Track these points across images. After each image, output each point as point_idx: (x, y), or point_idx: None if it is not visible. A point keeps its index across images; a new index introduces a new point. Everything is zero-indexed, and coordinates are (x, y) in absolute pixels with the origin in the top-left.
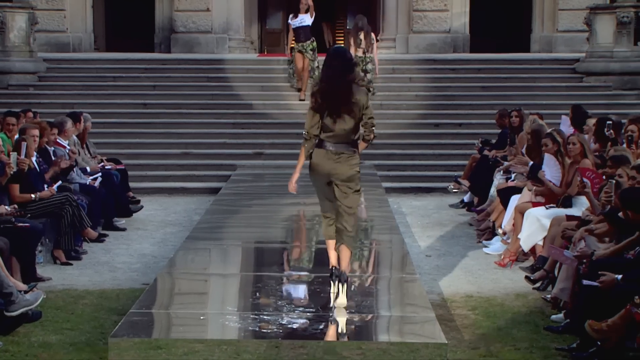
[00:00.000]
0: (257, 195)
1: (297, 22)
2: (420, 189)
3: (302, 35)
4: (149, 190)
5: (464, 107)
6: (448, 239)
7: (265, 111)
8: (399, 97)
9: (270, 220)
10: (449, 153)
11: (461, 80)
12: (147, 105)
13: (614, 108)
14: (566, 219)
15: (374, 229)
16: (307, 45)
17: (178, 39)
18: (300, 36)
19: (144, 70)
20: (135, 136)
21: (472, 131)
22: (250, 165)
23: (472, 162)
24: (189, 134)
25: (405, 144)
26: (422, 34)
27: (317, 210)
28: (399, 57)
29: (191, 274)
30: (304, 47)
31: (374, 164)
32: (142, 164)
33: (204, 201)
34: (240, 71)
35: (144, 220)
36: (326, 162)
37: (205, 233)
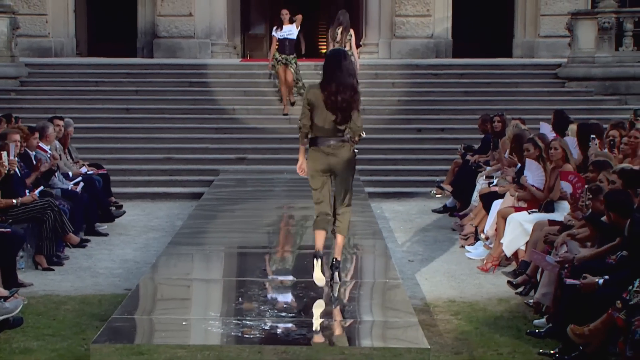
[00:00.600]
0: (239, 201)
1: (284, 33)
2: (403, 194)
3: (287, 47)
4: (131, 195)
5: (447, 112)
6: (431, 244)
7: (248, 116)
8: (382, 102)
9: (252, 225)
10: (431, 158)
11: (444, 85)
12: (129, 110)
13: (596, 113)
14: (548, 224)
15: (357, 234)
16: (291, 58)
17: (160, 44)
18: (284, 48)
19: (126, 75)
20: (117, 141)
21: (455, 136)
22: (232, 171)
23: (454, 167)
24: (171, 139)
25: (387, 149)
26: (404, 39)
27: (300, 214)
28: (382, 62)
29: (173, 280)
30: (288, 60)
31: (357, 169)
32: (124, 169)
33: (186, 206)
34: (223, 76)
35: (126, 225)
36: (323, 158)
37: (188, 238)
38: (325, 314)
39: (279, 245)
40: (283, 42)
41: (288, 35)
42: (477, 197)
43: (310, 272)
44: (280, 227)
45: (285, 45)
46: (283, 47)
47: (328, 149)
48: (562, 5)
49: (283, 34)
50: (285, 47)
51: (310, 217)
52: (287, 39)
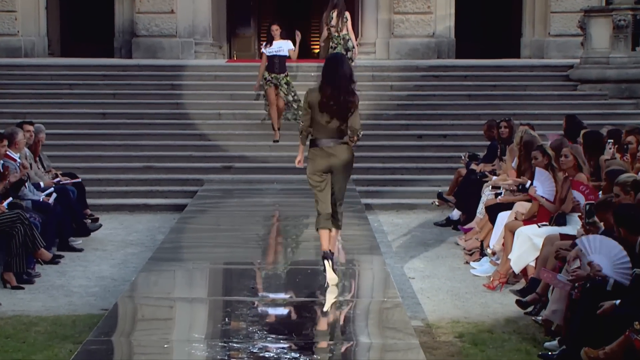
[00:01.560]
0: (226, 213)
1: (273, 50)
2: (403, 206)
3: (277, 65)
4: (108, 207)
5: (449, 117)
6: (433, 260)
7: (235, 121)
8: (379, 106)
9: (240, 239)
10: (433, 167)
11: (446, 88)
12: (106, 115)
13: (610, 118)
14: (560, 238)
15: (353, 249)
16: (282, 78)
17: (140, 44)
18: (274, 66)
19: (102, 77)
20: (93, 148)
21: (458, 143)
22: (218, 180)
23: (458, 176)
24: (151, 146)
25: (385, 157)
26: (403, 38)
27: (291, 227)
28: (379, 63)
29: (154, 299)
30: (278, 80)
31: (352, 179)
32: (100, 178)
33: (168, 219)
34: (208, 78)
35: (102, 239)
36: (323, 158)
37: (170, 254)
38: (319, 336)
39: (269, 261)
40: (272, 59)
41: (278, 52)
42: (483, 209)
43: (302, 289)
44: (270, 242)
45: (275, 63)
46: (272, 66)
47: (329, 149)
48: (574, 2)
49: (272, 51)
50: (275, 65)
51: (302, 230)
52: (277, 56)
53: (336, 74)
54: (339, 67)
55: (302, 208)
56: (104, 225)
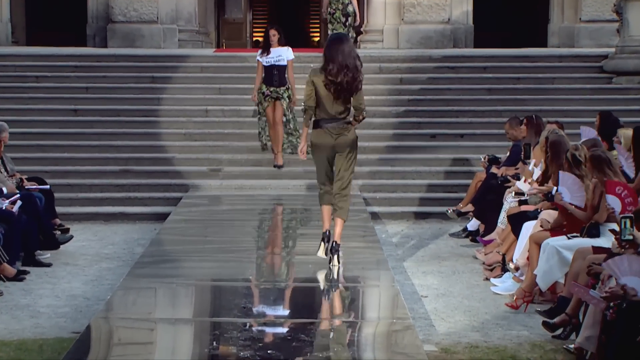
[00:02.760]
0: (214, 223)
1: (271, 59)
2: (414, 214)
3: (277, 77)
4: (80, 216)
5: (467, 114)
6: (448, 276)
7: (224, 119)
8: (387, 102)
9: (230, 253)
10: (448, 170)
11: (463, 82)
12: (77, 111)
13: None
14: (592, 252)
15: (358, 264)
16: (282, 91)
17: (116, 31)
18: (272, 78)
19: (73, 68)
20: (63, 149)
21: (477, 143)
22: (205, 186)
23: (476, 181)
24: (129, 147)
25: (394, 159)
26: (415, 24)
27: (287, 239)
28: (387, 54)
29: (132, 320)
30: (279, 93)
31: (358, 184)
32: (71, 183)
33: (148, 229)
34: (193, 70)
35: (73, 253)
36: (326, 139)
37: (150, 269)
38: None
39: (262, 278)
40: (271, 70)
41: (277, 61)
42: (505, 218)
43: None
44: (264, 255)
45: (274, 75)
46: (271, 77)
47: (332, 130)
48: None
49: (270, 60)
50: (273, 77)
51: (300, 241)
52: (276, 67)
53: (339, 52)
54: (342, 45)
55: (299, 217)
56: (76, 236)
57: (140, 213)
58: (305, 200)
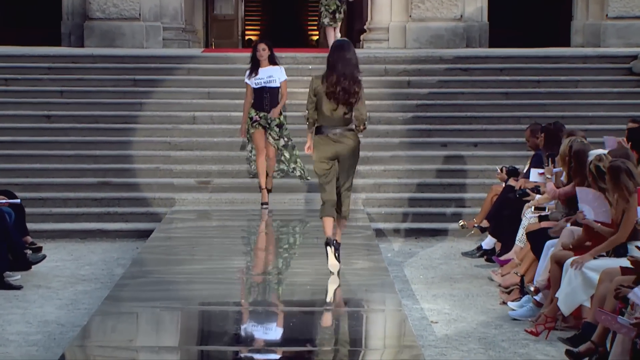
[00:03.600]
0: (202, 241)
1: (261, 79)
2: (423, 231)
3: (268, 100)
4: (54, 234)
5: (481, 120)
6: (461, 300)
7: (213, 126)
8: (393, 107)
9: (219, 274)
10: (460, 182)
11: (477, 85)
12: (51, 117)
13: None
14: (621, 272)
15: (361, 286)
16: (273, 118)
17: (94, 28)
18: (263, 102)
19: (47, 70)
20: (35, 160)
21: (492, 153)
22: (192, 200)
23: (492, 195)
24: (108, 157)
25: (401, 171)
26: (424, 21)
27: (282, 259)
28: (394, 54)
29: (112, 348)
30: (268, 121)
31: (361, 198)
32: (44, 197)
33: (129, 248)
34: (180, 72)
35: (46, 274)
36: (329, 146)
37: (132, 292)
38: None
39: (255, 301)
40: (261, 93)
41: (268, 82)
42: (524, 235)
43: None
44: (257, 277)
45: (264, 98)
46: (261, 101)
47: (334, 136)
48: None
49: (260, 81)
50: (264, 101)
51: (296, 261)
52: (267, 89)
53: (340, 59)
54: (343, 52)
55: (296, 233)
56: (49, 256)
57: (120, 230)
58: (303, 215)
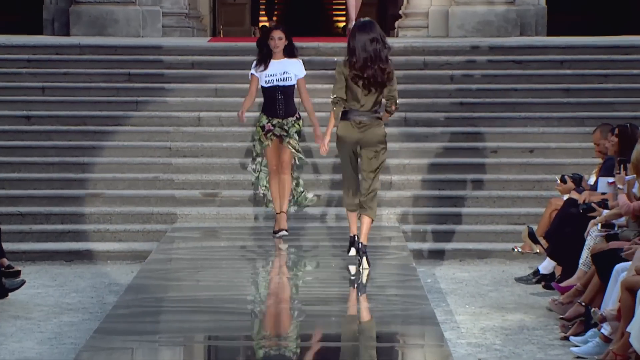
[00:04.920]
0: (208, 263)
1: (273, 75)
2: (469, 253)
3: (282, 103)
4: (34, 255)
5: (538, 121)
6: (514, 333)
7: (222, 129)
8: (434, 106)
9: (228, 302)
10: (513, 195)
11: (533, 80)
12: (31, 118)
13: None
14: None
15: (397, 317)
16: (290, 123)
17: (81, 14)
18: (276, 105)
19: (26, 63)
20: (12, 168)
21: (551, 160)
22: (196, 215)
23: (551, 209)
24: (99, 165)
25: (443, 181)
26: (470, 5)
27: (299, 283)
28: (434, 44)
29: None
30: (284, 126)
31: (396, 213)
32: (23, 212)
33: (123, 272)
34: (182, 65)
35: (26, 303)
36: (353, 133)
37: (126, 323)
38: None
39: (269, 335)
40: (273, 93)
41: (282, 80)
42: (589, 257)
43: None
44: (271, 305)
45: (278, 100)
46: (273, 104)
47: (360, 124)
48: None
49: (272, 78)
50: (277, 103)
51: (316, 287)
52: (281, 88)
53: (364, 42)
54: (366, 34)
55: (316, 254)
56: (28, 281)
57: (112, 250)
58: (324, 234)
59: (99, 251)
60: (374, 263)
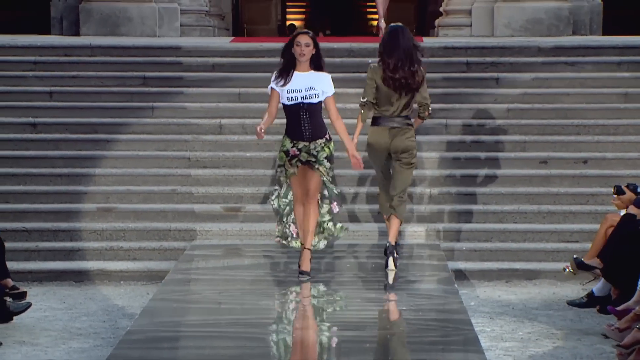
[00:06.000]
0: (230, 284)
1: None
2: (516, 273)
3: (307, 123)
4: (41, 275)
5: (593, 129)
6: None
7: (245, 137)
8: (477, 112)
9: (252, 327)
10: (565, 210)
11: (587, 84)
12: (37, 126)
13: None
14: None
15: (437, 344)
16: (318, 146)
17: (92, 12)
18: (301, 126)
19: (32, 65)
20: (17, 180)
21: (607, 172)
22: (218, 231)
23: (607, 226)
24: (110, 177)
25: (487, 195)
26: (517, 1)
27: (332, 311)
28: (478, 43)
29: None
30: (311, 151)
31: (436, 229)
32: (29, 228)
33: (137, 294)
34: (202, 67)
35: (32, 327)
36: (383, 138)
37: (141, 350)
38: None
39: None
40: (297, 112)
41: (309, 97)
42: None
43: None
44: (300, 331)
45: (303, 120)
46: (298, 125)
47: (391, 129)
48: None
49: (296, 95)
50: (302, 124)
51: (349, 311)
52: (306, 107)
53: (397, 45)
54: (399, 37)
55: (350, 274)
56: (35, 304)
57: (126, 270)
58: (359, 252)
59: (111, 271)
60: (410, 284)
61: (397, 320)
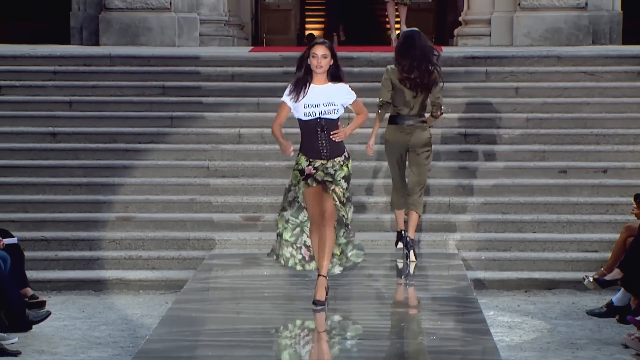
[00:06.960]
0: (249, 293)
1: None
2: (535, 283)
3: (325, 140)
4: (60, 284)
5: (612, 139)
6: None
7: (264, 146)
8: (497, 121)
9: (271, 336)
10: (584, 220)
11: (607, 93)
12: (57, 135)
13: None
14: None
15: (456, 354)
16: (336, 165)
17: (112, 22)
18: (318, 142)
19: (52, 75)
20: (37, 190)
21: (627, 182)
22: (237, 241)
23: (626, 236)
24: (131, 186)
25: (506, 204)
26: (537, 11)
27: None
28: (497, 53)
29: None
30: (328, 170)
31: (455, 239)
32: (48, 237)
33: (156, 303)
34: (221, 77)
35: (51, 336)
36: (400, 136)
37: (161, 358)
38: None
39: None
40: (314, 128)
41: (326, 112)
42: None
43: None
44: (322, 342)
45: (320, 136)
46: (314, 141)
47: (407, 128)
48: None
49: (314, 110)
50: (319, 141)
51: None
52: (324, 122)
53: (412, 47)
54: (414, 40)
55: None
56: (54, 313)
57: (145, 279)
58: (374, 260)
59: (130, 280)
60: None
61: (415, 329)
